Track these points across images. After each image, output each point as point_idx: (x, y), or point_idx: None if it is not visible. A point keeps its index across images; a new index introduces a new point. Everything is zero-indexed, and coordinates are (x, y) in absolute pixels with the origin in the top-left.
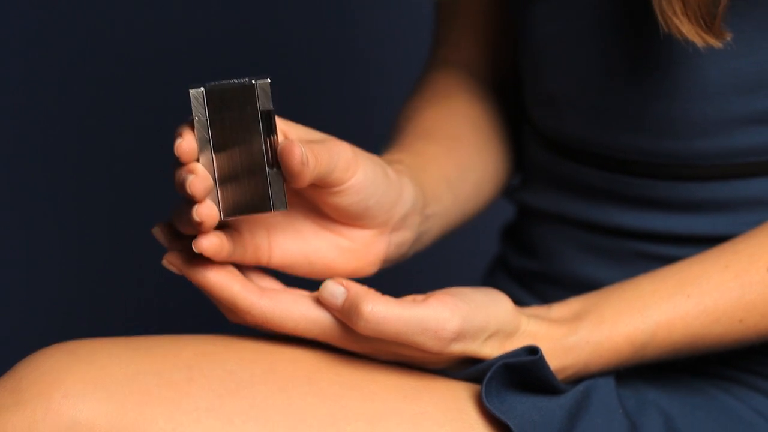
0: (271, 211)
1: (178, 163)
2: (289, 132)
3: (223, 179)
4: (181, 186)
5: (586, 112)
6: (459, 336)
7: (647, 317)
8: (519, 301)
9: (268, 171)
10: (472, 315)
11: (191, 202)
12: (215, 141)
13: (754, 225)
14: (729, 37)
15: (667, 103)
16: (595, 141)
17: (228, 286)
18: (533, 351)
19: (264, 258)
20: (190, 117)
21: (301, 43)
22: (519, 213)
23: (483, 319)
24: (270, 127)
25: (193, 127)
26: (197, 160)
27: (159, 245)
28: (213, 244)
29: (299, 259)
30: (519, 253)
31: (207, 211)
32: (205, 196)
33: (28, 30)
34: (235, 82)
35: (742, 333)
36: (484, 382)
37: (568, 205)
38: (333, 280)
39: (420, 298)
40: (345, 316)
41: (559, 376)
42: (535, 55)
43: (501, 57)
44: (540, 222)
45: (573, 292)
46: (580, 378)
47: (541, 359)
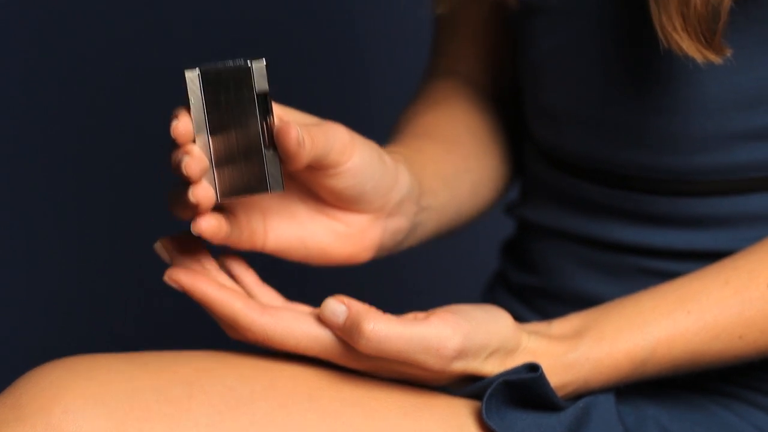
0: (267, 192)
1: (175, 145)
2: (285, 116)
3: (220, 161)
4: (177, 168)
5: (586, 126)
6: (460, 354)
7: (647, 334)
8: (519, 317)
9: (265, 153)
10: (473, 333)
11: (187, 183)
12: (211, 123)
13: (754, 240)
14: (729, 52)
15: (667, 119)
16: (595, 156)
17: (229, 303)
18: (533, 368)
19: (259, 242)
20: (186, 99)
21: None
22: (519, 228)
23: (484, 336)
24: (266, 109)
25: (189, 109)
26: (193, 142)
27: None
28: (211, 225)
29: (295, 244)
30: (519, 268)
31: (203, 193)
32: (201, 178)
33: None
34: (231, 64)
35: (741, 349)
36: (485, 399)
37: (568, 221)
38: (334, 298)
39: (421, 315)
40: (346, 334)
41: (560, 393)
42: (535, 70)
43: (500, 69)
44: (540, 237)
45: (573, 307)
46: (581, 394)
47: (542, 376)
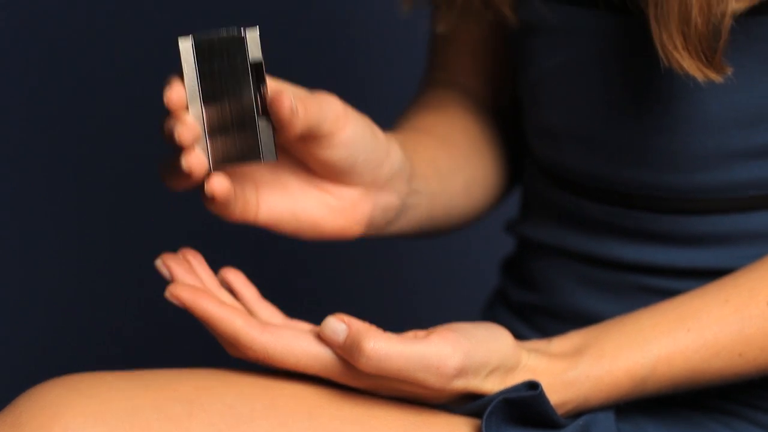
0: (260, 161)
1: (167, 113)
2: (278, 87)
3: (213, 130)
4: (170, 136)
5: (587, 145)
6: (461, 372)
7: (647, 351)
8: (519, 335)
9: (258, 121)
10: (473, 351)
11: (180, 152)
12: (204, 91)
13: (755, 258)
14: (729, 71)
15: (668, 137)
16: (596, 174)
17: (230, 321)
18: (533, 386)
19: (251, 214)
20: (180, 67)
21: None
22: (519, 246)
23: (484, 354)
24: (260, 78)
25: (182, 77)
26: (186, 111)
27: (159, 249)
28: (224, 186)
29: (286, 216)
30: (519, 286)
31: (196, 161)
32: (194, 145)
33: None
34: (224, 33)
35: (741, 367)
36: (485, 417)
37: (568, 238)
38: (334, 316)
39: (421, 334)
40: (346, 352)
41: (560, 411)
42: (535, 88)
43: (500, 85)
44: (540, 255)
45: (573, 325)
46: (581, 412)
47: (542, 394)
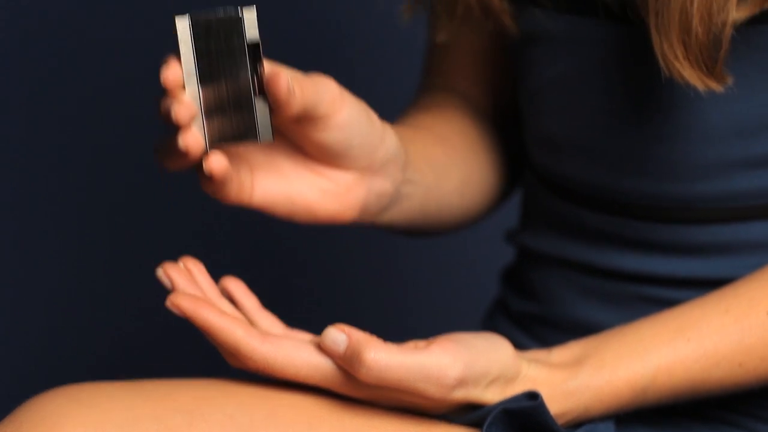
0: (257, 141)
1: (164, 92)
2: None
3: (209, 110)
4: (166, 115)
5: (587, 154)
6: (461, 383)
7: (647, 361)
8: (519, 345)
9: (255, 101)
10: (473, 361)
11: (176, 132)
12: (201, 71)
13: (755, 268)
14: (730, 80)
15: (669, 147)
16: (596, 183)
17: (231, 331)
18: (533, 396)
19: (246, 196)
20: (176, 47)
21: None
22: (519, 256)
23: (485, 365)
24: (257, 58)
25: (179, 57)
26: (183, 90)
27: (160, 250)
28: (222, 164)
29: (280, 199)
30: (519, 296)
31: (192, 139)
32: (190, 124)
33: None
34: (221, 13)
35: (742, 377)
36: (485, 428)
37: (568, 248)
38: (335, 327)
39: (422, 344)
40: (347, 363)
41: (560, 421)
42: (535, 98)
43: (498, 94)
44: (540, 265)
45: (573, 335)
46: (581, 422)
47: (542, 404)
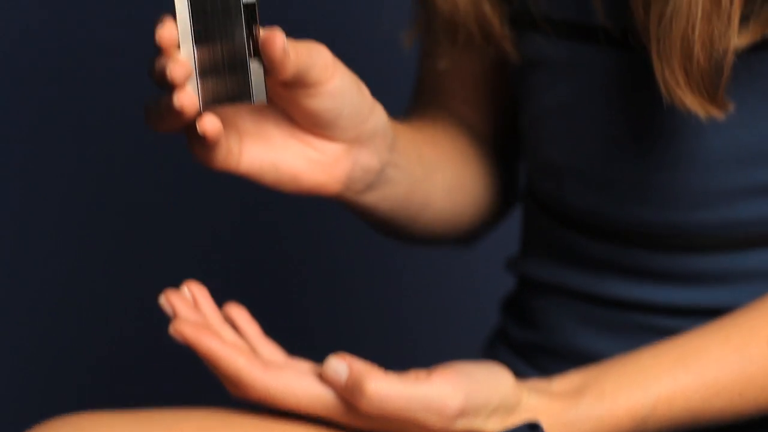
0: (251, 102)
1: (159, 52)
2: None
3: (204, 71)
4: (161, 74)
5: (587, 181)
6: (462, 413)
7: (648, 391)
8: (519, 374)
9: (250, 62)
10: (475, 391)
11: (170, 92)
12: (196, 32)
13: (754, 296)
14: (732, 108)
15: (669, 174)
16: (596, 211)
17: (233, 360)
18: (534, 426)
19: (233, 162)
20: (172, 7)
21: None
22: (519, 284)
23: (486, 395)
24: (252, 19)
25: (174, 17)
26: (178, 49)
27: (162, 260)
28: (215, 124)
29: (267, 167)
30: (519, 325)
31: (188, 99)
32: (185, 83)
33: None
34: None
35: (742, 406)
36: None
37: (568, 276)
38: (336, 356)
39: (422, 374)
40: (348, 393)
41: None
42: (536, 123)
43: (496, 120)
44: (540, 293)
45: (574, 364)
46: None
47: None
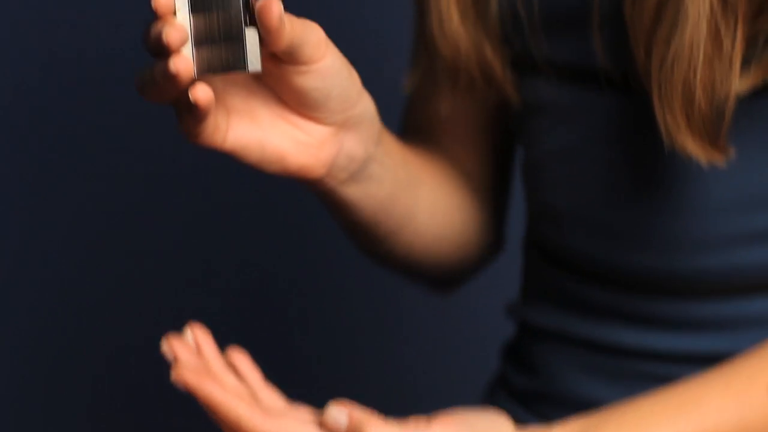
0: (245, 70)
1: (155, 17)
2: None
3: (199, 40)
4: (157, 40)
5: (588, 227)
6: None
7: None
8: (519, 421)
9: (245, 31)
10: None
11: (165, 59)
12: (192, 0)
13: (755, 343)
14: (733, 153)
15: (670, 220)
16: (597, 256)
17: (234, 406)
18: None
19: (219, 138)
20: None
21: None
22: (519, 331)
23: None
24: None
25: None
26: (174, 16)
27: (162, 287)
28: (207, 93)
29: (253, 145)
30: (519, 371)
31: (183, 64)
32: (181, 48)
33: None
34: None
35: None
36: None
37: (568, 323)
38: (335, 404)
39: (422, 422)
40: None
41: None
42: (537, 169)
43: (487, 163)
44: (540, 340)
45: (574, 412)
46: None
47: None
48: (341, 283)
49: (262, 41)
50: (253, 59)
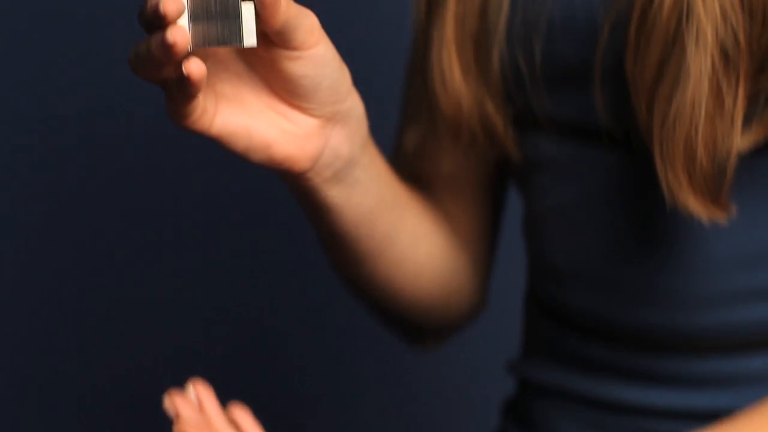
0: (241, 44)
1: None
2: None
3: (196, 14)
4: (153, 11)
5: (589, 283)
6: None
7: None
8: None
9: (242, 4)
10: None
11: (163, 29)
12: None
13: (755, 400)
14: (734, 211)
15: (671, 277)
16: (598, 313)
17: None
18: None
19: (206, 123)
20: None
21: None
22: (519, 387)
23: None
24: None
25: None
26: None
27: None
28: (200, 67)
29: (240, 131)
30: (519, 428)
31: (180, 34)
32: (178, 19)
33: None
34: None
35: None
36: None
37: (568, 380)
38: None
39: None
40: None
41: None
42: (538, 224)
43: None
44: (541, 396)
45: None
46: None
47: None
48: (341, 339)
49: (258, 16)
50: (249, 33)
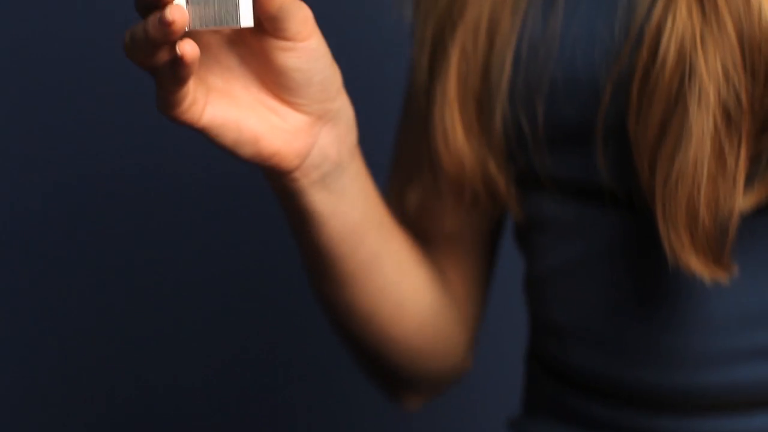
0: (237, 25)
1: None
2: None
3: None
4: None
5: (591, 342)
6: None
7: None
8: None
9: None
10: None
11: (161, 9)
12: None
13: None
14: (736, 271)
15: (673, 336)
16: (599, 372)
17: None
18: None
19: (196, 114)
20: None
21: None
22: None
23: None
24: None
25: None
26: None
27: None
28: (194, 48)
29: (229, 124)
30: None
31: (179, 14)
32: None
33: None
34: None
35: None
36: None
37: None
38: None
39: None
40: None
41: None
42: (540, 283)
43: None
44: None
45: None
46: None
47: None
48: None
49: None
50: (246, 14)
